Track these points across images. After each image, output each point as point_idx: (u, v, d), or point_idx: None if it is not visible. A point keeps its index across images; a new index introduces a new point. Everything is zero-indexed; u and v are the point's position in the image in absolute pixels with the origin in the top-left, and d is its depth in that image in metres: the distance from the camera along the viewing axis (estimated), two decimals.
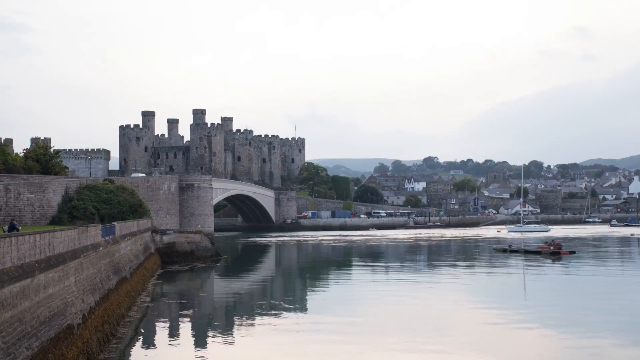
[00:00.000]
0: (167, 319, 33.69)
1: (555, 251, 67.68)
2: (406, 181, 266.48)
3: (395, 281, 51.63)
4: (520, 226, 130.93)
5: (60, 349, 19.60)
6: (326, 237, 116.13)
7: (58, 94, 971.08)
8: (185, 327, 32.13)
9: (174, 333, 30.26)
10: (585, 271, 56.58)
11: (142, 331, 29.81)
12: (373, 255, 77.56)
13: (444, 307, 36.83)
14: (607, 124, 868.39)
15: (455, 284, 49.44)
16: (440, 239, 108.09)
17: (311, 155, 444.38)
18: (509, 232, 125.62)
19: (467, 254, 78.43)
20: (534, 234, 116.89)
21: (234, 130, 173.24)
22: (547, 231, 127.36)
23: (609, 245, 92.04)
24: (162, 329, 30.93)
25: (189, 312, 36.06)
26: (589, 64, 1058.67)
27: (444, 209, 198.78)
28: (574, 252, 69.40)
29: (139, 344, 27.23)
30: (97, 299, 27.60)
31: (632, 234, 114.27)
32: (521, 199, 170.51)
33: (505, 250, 73.39)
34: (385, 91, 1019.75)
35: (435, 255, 77.89)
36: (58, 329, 20.22)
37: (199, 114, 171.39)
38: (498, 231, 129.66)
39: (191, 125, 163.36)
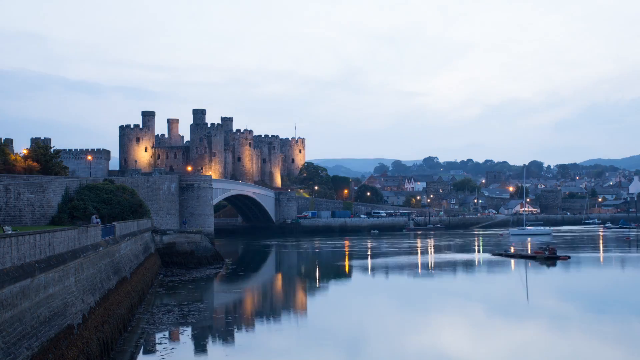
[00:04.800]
0: (167, 330, 32.30)
1: (550, 256, 67.71)
2: (406, 181, 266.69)
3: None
4: (523, 229, 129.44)
5: (60, 349, 19.61)
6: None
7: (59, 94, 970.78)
8: (186, 337, 31.24)
9: (174, 344, 29.39)
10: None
11: (143, 342, 29.35)
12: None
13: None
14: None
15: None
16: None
17: (311, 155, 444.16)
18: (511, 234, 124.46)
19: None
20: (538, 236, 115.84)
21: (234, 130, 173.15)
22: (548, 234, 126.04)
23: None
24: (162, 340, 29.94)
25: (190, 322, 34.64)
26: None
27: (444, 209, 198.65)
28: (568, 257, 69.16)
29: (139, 356, 27.01)
30: (97, 299, 27.59)
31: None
32: (524, 199, 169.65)
33: (501, 255, 73.79)
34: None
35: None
36: (58, 329, 20.23)
37: (199, 114, 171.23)
38: (501, 234, 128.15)
39: (191, 125, 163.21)
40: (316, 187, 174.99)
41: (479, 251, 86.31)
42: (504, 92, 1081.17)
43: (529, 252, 75.70)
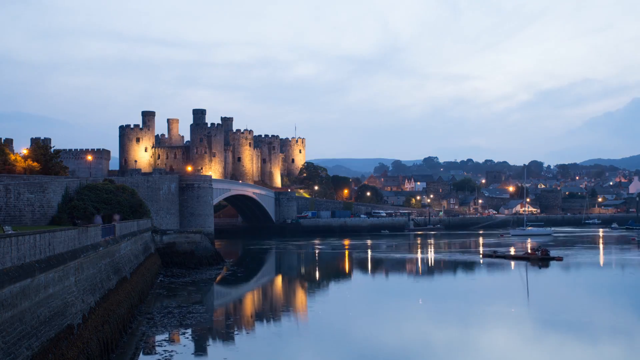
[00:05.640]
0: (167, 332, 31.85)
1: (543, 257, 67.47)
2: (406, 181, 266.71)
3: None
4: (524, 229, 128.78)
5: (61, 349, 19.58)
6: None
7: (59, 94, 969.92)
8: (186, 339, 30.83)
9: (174, 346, 29.01)
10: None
11: (142, 344, 29.16)
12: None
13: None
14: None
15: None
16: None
17: (311, 155, 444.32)
18: (512, 235, 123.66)
19: None
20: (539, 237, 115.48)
21: (234, 130, 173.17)
22: (549, 234, 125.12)
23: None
24: (162, 343, 29.59)
25: (190, 324, 34.18)
26: None
27: (444, 209, 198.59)
28: (561, 259, 68.93)
29: (139, 358, 26.87)
30: (97, 299, 27.55)
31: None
32: (526, 199, 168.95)
33: (491, 256, 73.22)
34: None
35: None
36: (58, 329, 20.20)
37: (199, 114, 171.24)
38: (501, 235, 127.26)
39: (191, 125, 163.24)
40: (316, 187, 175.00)
41: (477, 252, 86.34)
42: (549, 79, 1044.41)
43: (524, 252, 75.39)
